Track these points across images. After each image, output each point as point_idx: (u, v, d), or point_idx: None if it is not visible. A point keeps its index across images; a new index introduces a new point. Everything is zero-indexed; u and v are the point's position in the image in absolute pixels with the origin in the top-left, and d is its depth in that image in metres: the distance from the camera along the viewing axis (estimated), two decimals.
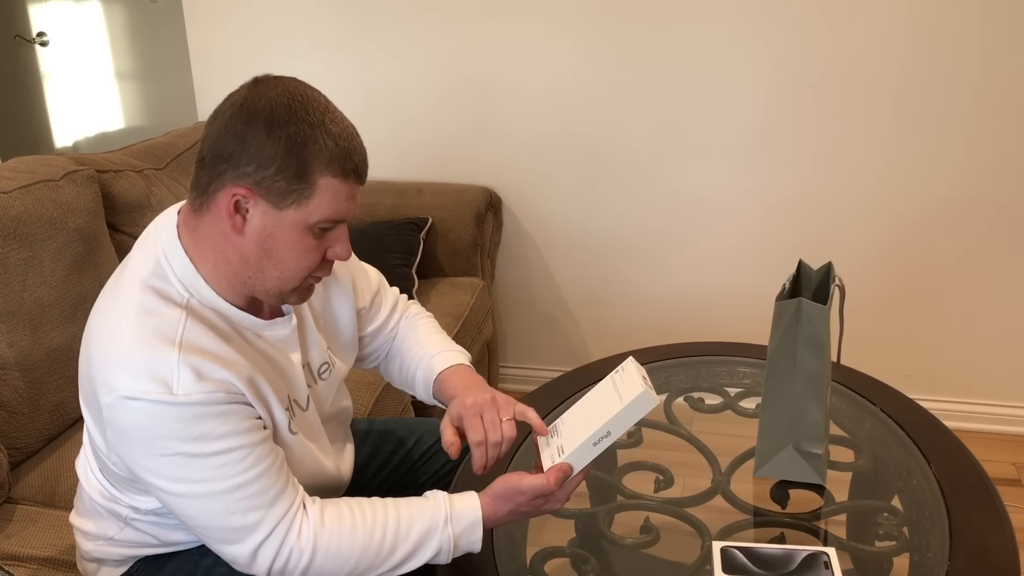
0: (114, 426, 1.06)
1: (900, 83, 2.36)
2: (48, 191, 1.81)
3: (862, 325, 2.58)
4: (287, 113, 1.03)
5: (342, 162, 1.05)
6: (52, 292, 1.77)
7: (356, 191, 1.10)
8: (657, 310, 2.74)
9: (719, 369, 1.79)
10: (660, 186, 2.60)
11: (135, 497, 1.20)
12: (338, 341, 1.35)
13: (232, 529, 1.08)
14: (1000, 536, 1.25)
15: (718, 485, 1.43)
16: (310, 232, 1.08)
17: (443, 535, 1.14)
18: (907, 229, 2.48)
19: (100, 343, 1.08)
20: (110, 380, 1.04)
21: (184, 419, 1.03)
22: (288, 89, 1.06)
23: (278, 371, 1.18)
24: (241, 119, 1.04)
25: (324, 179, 1.05)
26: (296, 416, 1.22)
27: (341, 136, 1.05)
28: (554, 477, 1.12)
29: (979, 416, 2.60)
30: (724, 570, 1.17)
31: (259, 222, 1.07)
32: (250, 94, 1.06)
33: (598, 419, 1.14)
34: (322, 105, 1.06)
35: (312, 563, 1.10)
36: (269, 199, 1.05)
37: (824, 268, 1.50)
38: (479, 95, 2.64)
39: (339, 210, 1.08)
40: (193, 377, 1.04)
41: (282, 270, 1.10)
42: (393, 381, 1.47)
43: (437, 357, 1.37)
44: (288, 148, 1.03)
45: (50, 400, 1.75)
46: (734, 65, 2.44)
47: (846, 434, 1.56)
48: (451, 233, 2.60)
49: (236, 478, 1.06)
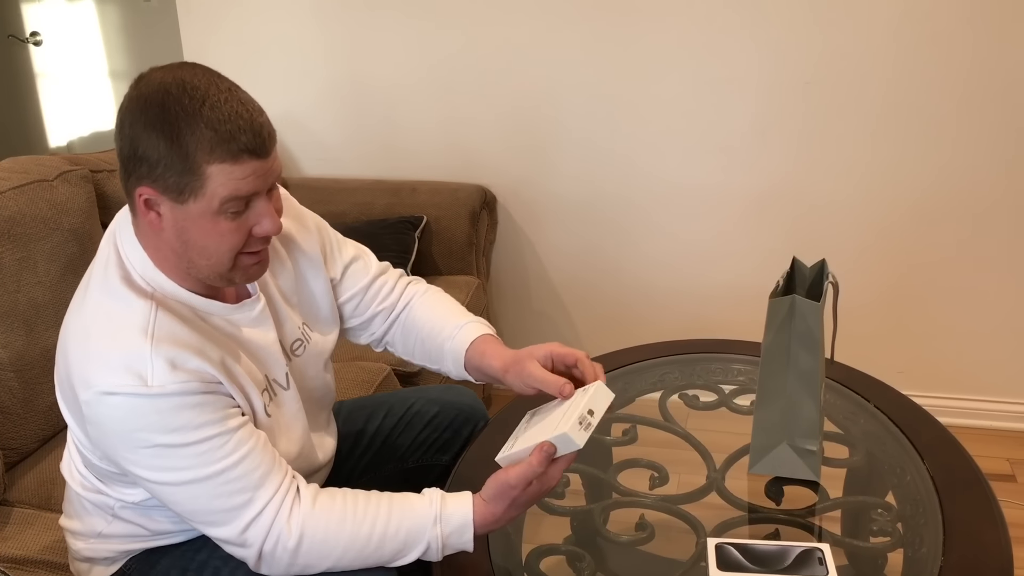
0: (94, 422, 1.07)
1: (891, 79, 2.36)
2: (42, 191, 1.81)
3: (856, 322, 2.59)
4: (161, 110, 1.02)
5: (226, 145, 1.02)
6: (46, 292, 1.77)
7: (259, 166, 1.06)
8: (652, 307, 2.74)
9: (714, 366, 1.79)
10: (655, 184, 2.60)
11: (121, 490, 1.20)
12: (315, 315, 1.35)
13: (220, 511, 1.09)
14: (994, 532, 1.25)
15: (713, 482, 1.44)
16: (221, 216, 1.06)
17: (431, 534, 1.14)
18: (900, 226, 2.49)
19: (75, 341, 1.09)
20: (87, 376, 1.05)
21: (161, 411, 1.04)
22: (164, 82, 1.04)
23: (251, 353, 1.19)
24: (127, 120, 1.04)
25: (211, 167, 1.03)
26: (276, 397, 1.22)
27: (222, 120, 1.02)
28: (537, 459, 1.11)
29: (973, 412, 2.61)
30: (719, 567, 1.18)
31: (170, 217, 1.07)
32: (131, 94, 1.06)
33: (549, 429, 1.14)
34: (200, 91, 1.03)
35: (300, 547, 1.11)
36: (169, 195, 1.05)
37: (818, 265, 1.51)
38: (473, 93, 2.64)
39: (240, 189, 1.05)
40: (167, 368, 1.05)
41: (207, 256, 1.09)
42: (414, 358, 1.45)
43: (465, 328, 1.36)
44: (168, 145, 1.02)
45: (45, 401, 1.75)
46: (729, 62, 2.44)
47: (840, 430, 1.56)
48: (446, 232, 2.60)
49: (218, 463, 1.07)
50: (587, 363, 1.22)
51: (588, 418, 1.12)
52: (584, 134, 2.60)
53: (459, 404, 1.59)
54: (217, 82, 1.05)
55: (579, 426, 1.11)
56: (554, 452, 1.12)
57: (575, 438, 1.10)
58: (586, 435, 1.12)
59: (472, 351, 1.34)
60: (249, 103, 1.06)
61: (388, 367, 2.10)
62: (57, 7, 3.37)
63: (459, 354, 1.35)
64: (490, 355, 1.31)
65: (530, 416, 1.26)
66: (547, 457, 1.11)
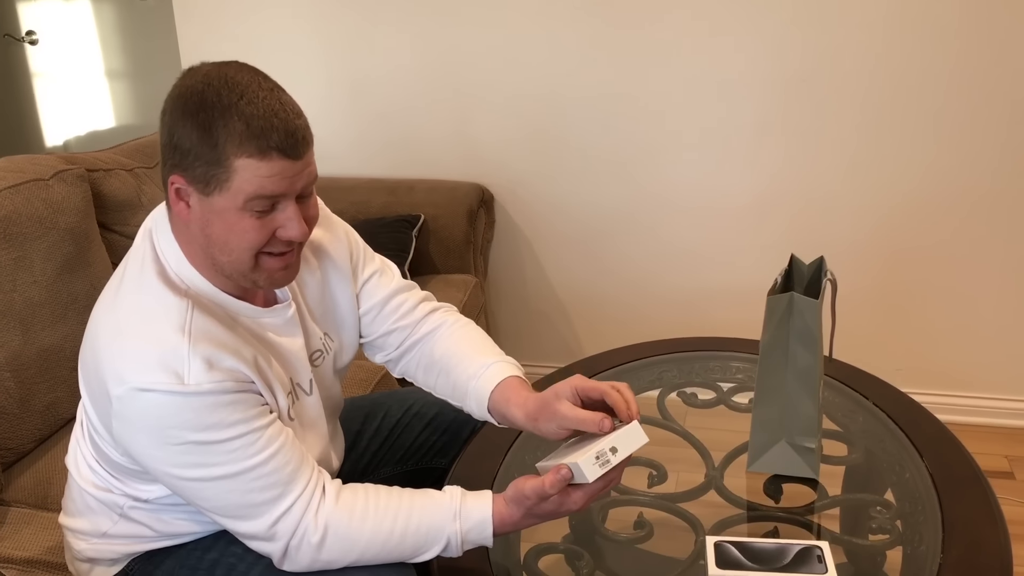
0: (123, 418, 1.07)
1: (888, 76, 2.36)
2: (38, 190, 1.80)
3: (854, 319, 2.58)
4: (199, 100, 1.03)
5: (256, 141, 1.02)
6: (42, 292, 1.76)
7: (288, 167, 1.05)
8: (650, 305, 2.74)
9: (712, 364, 1.79)
10: (652, 182, 2.60)
11: (137, 487, 1.20)
12: (338, 326, 1.35)
13: (251, 506, 1.10)
14: (992, 529, 1.25)
15: (711, 480, 1.43)
16: (246, 213, 1.06)
17: (451, 530, 1.14)
18: (899, 223, 2.49)
19: (109, 336, 1.09)
20: (121, 372, 1.05)
21: (195, 409, 1.05)
22: (208, 75, 1.05)
23: (279, 357, 1.19)
24: (168, 109, 1.07)
25: (239, 160, 1.03)
26: (298, 401, 1.23)
27: (256, 116, 1.03)
28: (549, 480, 1.10)
29: (971, 409, 2.61)
30: (718, 565, 1.17)
31: (197, 208, 1.08)
32: (177, 84, 1.08)
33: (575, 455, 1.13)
34: (241, 86, 1.04)
35: (323, 542, 1.11)
36: (196, 186, 1.06)
37: (816, 262, 1.51)
38: (470, 91, 2.63)
39: (265, 188, 1.05)
40: (204, 367, 1.05)
41: (227, 252, 1.09)
42: (436, 392, 1.40)
43: (491, 369, 1.31)
44: (200, 134, 1.03)
45: (41, 400, 1.74)
46: (726, 61, 2.44)
47: (839, 428, 1.56)
48: (443, 230, 2.59)
49: (250, 460, 1.08)
50: (614, 395, 1.16)
51: (608, 455, 1.11)
52: (582, 133, 2.60)
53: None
54: (261, 80, 1.07)
55: (595, 460, 1.10)
56: (570, 477, 1.11)
57: (586, 472, 1.10)
58: (599, 471, 1.10)
59: (496, 397, 1.28)
60: (289, 104, 1.07)
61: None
62: (53, 6, 3.36)
63: (482, 398, 1.30)
64: (514, 404, 1.25)
65: (577, 437, 1.24)
66: (560, 481, 1.10)
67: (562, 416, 1.17)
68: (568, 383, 1.20)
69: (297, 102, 1.10)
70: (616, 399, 1.15)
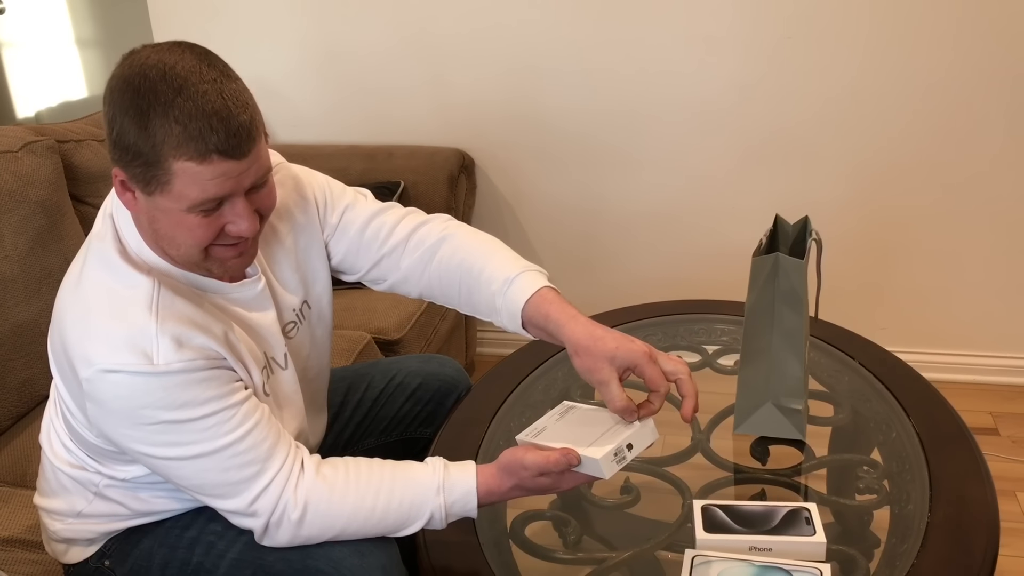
0: (95, 399, 1.05)
1: (872, 33, 2.33)
2: (6, 163, 1.76)
3: (839, 279, 2.58)
4: (135, 95, 0.97)
5: (193, 143, 0.96)
6: (15, 267, 1.73)
7: (231, 168, 0.99)
8: (633, 269, 2.73)
9: (697, 327, 1.78)
10: (634, 145, 2.57)
11: (114, 467, 1.18)
12: (316, 290, 1.31)
13: (230, 484, 1.08)
14: (979, 486, 1.25)
15: (698, 443, 1.43)
16: (190, 213, 1.02)
17: (434, 504, 1.13)
18: (883, 182, 2.47)
19: (75, 318, 1.07)
20: (88, 354, 1.03)
21: (166, 388, 1.03)
22: (146, 64, 0.98)
23: (251, 331, 1.17)
24: (107, 99, 1.00)
25: (177, 164, 0.97)
26: (273, 375, 1.21)
27: (193, 114, 0.96)
28: (555, 459, 1.08)
29: (956, 367, 2.62)
30: (705, 528, 1.17)
31: (143, 202, 1.04)
32: (116, 71, 1.01)
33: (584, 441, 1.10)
34: (180, 79, 0.97)
35: (304, 519, 1.10)
36: (137, 184, 1.02)
37: (801, 222, 1.49)
38: (447, 55, 2.59)
39: (207, 191, 0.99)
40: (173, 346, 1.03)
41: (176, 247, 1.06)
42: (461, 309, 1.31)
43: (518, 280, 1.21)
44: (137, 133, 0.97)
45: (17, 377, 1.72)
46: (707, 19, 2.40)
47: (825, 389, 1.56)
48: (424, 196, 2.56)
49: (226, 437, 1.06)
50: (662, 398, 1.12)
51: (625, 452, 1.10)
52: (562, 96, 2.56)
53: (441, 375, 1.56)
54: (204, 70, 0.99)
55: (613, 457, 1.09)
56: (576, 463, 1.10)
57: (605, 469, 1.08)
58: (616, 468, 1.09)
59: (532, 310, 1.18)
60: (232, 97, 0.99)
61: (368, 335, 2.07)
62: None
63: (515, 313, 1.20)
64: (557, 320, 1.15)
65: (566, 409, 1.22)
66: (566, 464, 1.09)
67: (602, 383, 1.11)
68: (639, 353, 1.11)
69: (246, 89, 1.02)
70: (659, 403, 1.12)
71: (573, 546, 1.23)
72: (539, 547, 1.22)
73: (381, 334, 2.12)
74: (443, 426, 1.46)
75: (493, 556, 1.19)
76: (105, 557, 1.25)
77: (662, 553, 1.20)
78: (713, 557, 1.12)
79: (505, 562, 1.19)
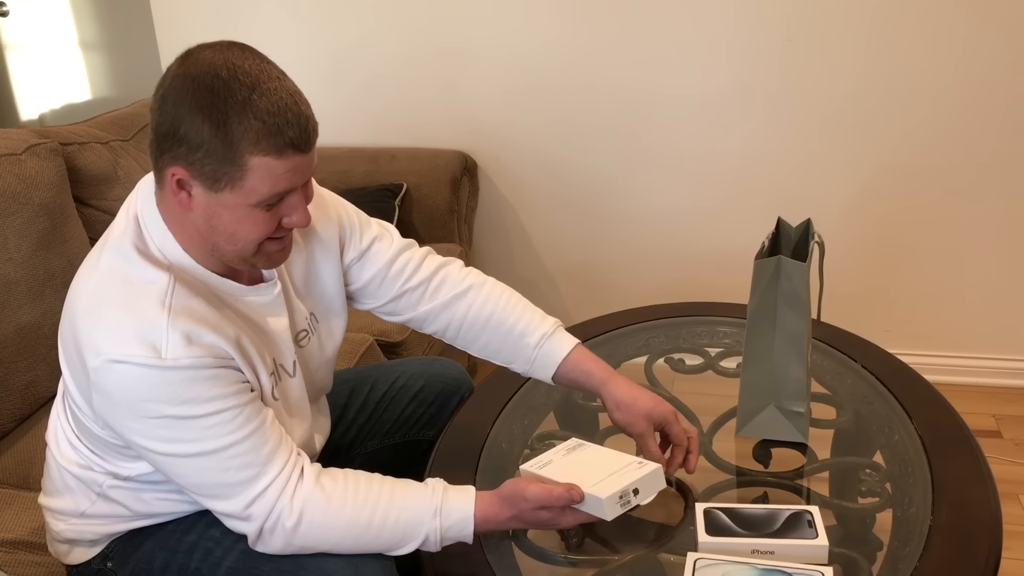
0: (101, 390, 1.05)
1: (873, 35, 2.33)
2: (10, 165, 1.77)
3: (842, 281, 2.58)
4: (210, 94, 0.99)
5: (272, 139, 1.00)
6: (18, 269, 1.73)
7: (300, 161, 1.04)
8: (636, 271, 2.73)
9: (699, 329, 1.78)
10: (637, 147, 2.57)
11: (119, 463, 1.18)
12: (325, 305, 1.33)
13: (226, 485, 1.08)
14: (982, 489, 1.25)
15: (700, 445, 1.42)
16: (257, 208, 1.05)
17: (430, 526, 1.13)
18: (885, 184, 2.47)
19: (87, 308, 1.08)
20: (98, 344, 1.04)
21: (172, 383, 1.03)
22: (214, 64, 1.01)
23: (262, 336, 1.18)
24: (171, 98, 1.01)
25: (255, 159, 1.01)
26: (281, 382, 1.21)
27: (270, 111, 1.00)
28: (559, 493, 1.11)
29: (959, 369, 2.62)
30: (708, 531, 1.17)
31: (202, 201, 1.05)
32: (179, 72, 1.02)
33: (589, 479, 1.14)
34: (251, 77, 1.00)
35: (298, 528, 1.10)
36: (203, 181, 1.03)
37: (803, 225, 1.49)
38: (451, 57, 2.59)
39: (279, 185, 1.04)
40: (182, 342, 1.04)
41: (234, 242, 1.08)
42: (472, 351, 1.42)
43: (551, 339, 1.36)
44: (213, 131, 0.99)
45: (20, 379, 1.72)
46: (708, 22, 2.41)
47: (827, 391, 1.56)
48: (427, 199, 2.57)
49: (227, 437, 1.07)
50: (684, 452, 1.29)
51: (630, 496, 1.11)
52: (565, 98, 2.56)
53: (444, 377, 1.57)
54: (267, 68, 1.03)
55: (618, 500, 1.10)
56: (579, 500, 1.11)
57: (608, 510, 1.09)
58: (619, 511, 1.11)
59: (571, 365, 1.35)
60: (296, 94, 1.04)
61: (371, 337, 2.07)
62: None
63: (549, 365, 1.36)
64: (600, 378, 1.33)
65: (575, 446, 1.25)
66: (569, 500, 1.11)
67: (639, 436, 1.29)
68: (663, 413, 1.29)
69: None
70: (680, 455, 1.29)
71: (575, 549, 1.22)
72: (542, 550, 1.22)
73: (384, 336, 2.12)
74: (445, 429, 1.46)
75: (495, 559, 1.19)
76: (107, 559, 1.25)
77: (664, 556, 1.20)
78: (715, 560, 1.12)
79: (508, 565, 1.19)
